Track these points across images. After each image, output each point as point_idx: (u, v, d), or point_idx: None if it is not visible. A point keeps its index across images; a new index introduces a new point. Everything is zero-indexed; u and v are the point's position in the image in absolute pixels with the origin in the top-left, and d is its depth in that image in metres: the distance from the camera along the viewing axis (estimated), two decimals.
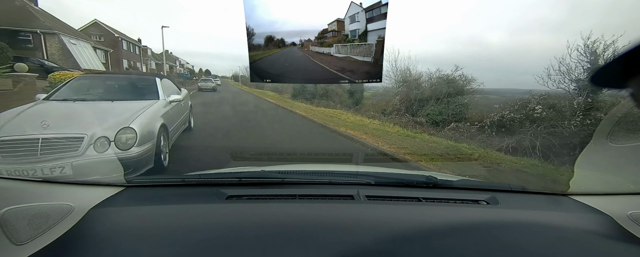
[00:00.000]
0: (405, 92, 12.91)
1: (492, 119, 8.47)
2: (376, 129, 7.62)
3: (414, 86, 13.03)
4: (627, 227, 0.96)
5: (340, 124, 8.04)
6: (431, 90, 12.26)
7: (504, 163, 4.70)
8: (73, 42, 17.61)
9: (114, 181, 1.16)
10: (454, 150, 5.57)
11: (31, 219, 0.76)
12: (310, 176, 1.32)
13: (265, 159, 3.75)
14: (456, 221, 0.94)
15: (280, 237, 0.80)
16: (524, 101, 8.13)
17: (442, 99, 11.64)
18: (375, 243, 0.80)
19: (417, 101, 12.19)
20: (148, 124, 3.09)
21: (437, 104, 11.77)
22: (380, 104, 14.43)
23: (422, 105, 12.14)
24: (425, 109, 11.87)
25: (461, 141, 7.30)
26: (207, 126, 6.60)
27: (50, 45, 16.34)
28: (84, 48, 18.88)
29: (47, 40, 16.24)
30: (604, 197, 1.14)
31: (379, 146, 5.56)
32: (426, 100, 12.13)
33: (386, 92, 14.90)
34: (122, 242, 0.79)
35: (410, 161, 4.60)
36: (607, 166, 1.25)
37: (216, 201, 1.03)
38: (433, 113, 11.48)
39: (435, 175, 1.30)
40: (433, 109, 11.62)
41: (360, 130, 7.17)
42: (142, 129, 2.87)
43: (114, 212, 0.94)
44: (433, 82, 12.85)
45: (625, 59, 0.40)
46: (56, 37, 16.39)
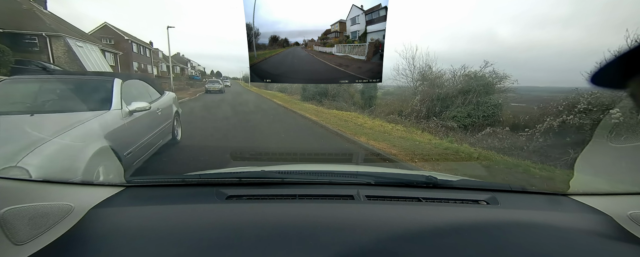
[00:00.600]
0: (425, 91, 11.56)
1: (551, 124, 6.67)
2: (403, 137, 6.38)
3: (436, 85, 11.63)
4: (627, 227, 0.96)
5: (358, 131, 6.78)
6: (456, 90, 10.88)
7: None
8: (79, 45, 17.60)
9: (114, 181, 1.16)
10: (545, 176, 3.79)
11: (31, 219, 0.76)
12: (310, 176, 1.32)
13: (265, 159, 3.75)
14: (456, 221, 0.94)
15: (280, 237, 0.80)
16: (570, 101, 6.67)
17: (469, 100, 10.36)
18: (375, 243, 0.80)
19: (440, 101, 10.93)
20: (63, 155, 1.97)
21: (464, 105, 10.44)
22: (394, 104, 13.28)
23: (445, 106, 10.88)
24: (451, 110, 10.57)
25: (510, 152, 5.86)
26: (195, 135, 5.63)
27: (56, 48, 16.39)
28: (90, 51, 18.85)
29: (53, 42, 16.28)
30: (604, 197, 1.14)
31: (422, 167, 4.18)
32: (450, 101, 10.83)
33: (401, 92, 13.66)
34: (122, 242, 0.79)
35: None
36: (607, 166, 1.25)
37: (216, 201, 1.03)
38: (460, 115, 10.23)
39: (435, 175, 1.30)
40: (460, 111, 10.32)
41: (384, 140, 5.80)
42: (44, 166, 1.75)
43: (114, 212, 0.94)
44: (458, 80, 11.39)
45: (625, 59, 0.40)
46: (62, 39, 16.43)
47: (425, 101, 11.31)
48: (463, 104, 10.49)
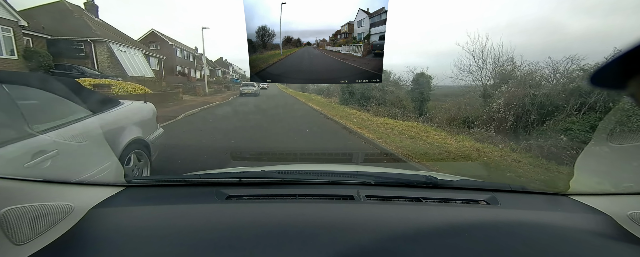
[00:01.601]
0: (512, 93, 8.43)
1: None
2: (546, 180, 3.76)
3: (527, 84, 8.55)
4: (627, 227, 0.96)
5: (448, 166, 4.30)
6: (565, 91, 7.82)
7: None
8: (122, 50, 17.84)
9: (114, 181, 1.16)
10: None
11: (31, 219, 0.76)
12: (310, 176, 1.32)
13: (265, 159, 3.74)
14: (456, 221, 0.94)
15: (280, 237, 0.80)
16: None
17: (592, 105, 7.17)
18: (375, 243, 0.80)
19: (536, 107, 7.86)
20: None
21: (581, 113, 7.26)
22: (454, 109, 9.95)
23: (546, 113, 7.76)
24: (556, 120, 7.36)
25: None
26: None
27: (100, 53, 16.74)
28: (133, 55, 19.10)
29: (97, 48, 16.65)
30: (604, 197, 1.14)
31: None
32: (554, 107, 7.70)
33: (462, 93, 10.56)
34: (122, 242, 0.79)
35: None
36: (607, 166, 1.25)
37: (216, 201, 1.03)
38: (577, 128, 6.70)
39: (435, 175, 1.30)
40: (576, 122, 6.94)
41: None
42: None
43: (114, 212, 0.94)
44: (566, 77, 8.33)
45: (625, 59, 0.40)
46: (105, 44, 16.75)
47: (511, 106, 8.10)
48: (579, 112, 7.30)
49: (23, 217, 0.75)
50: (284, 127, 7.58)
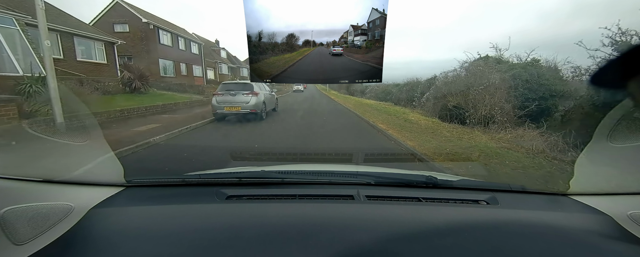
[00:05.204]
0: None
1: None
2: None
3: None
4: (627, 227, 0.96)
5: None
6: None
7: None
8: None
9: (114, 181, 1.16)
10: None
11: (31, 219, 0.76)
12: (310, 176, 1.32)
13: (265, 159, 3.74)
14: (456, 221, 0.94)
15: (281, 237, 0.80)
16: None
17: None
18: (375, 243, 0.80)
19: None
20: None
21: None
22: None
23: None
24: None
25: None
26: None
27: None
28: None
29: None
30: (604, 197, 1.14)
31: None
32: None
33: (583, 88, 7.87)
34: (122, 242, 0.79)
35: None
36: (607, 165, 1.25)
37: (216, 201, 1.03)
38: None
39: (435, 175, 1.30)
40: None
41: None
42: None
43: (114, 212, 0.94)
44: None
45: (625, 59, 0.40)
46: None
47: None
48: None
49: (23, 217, 0.75)
50: None
